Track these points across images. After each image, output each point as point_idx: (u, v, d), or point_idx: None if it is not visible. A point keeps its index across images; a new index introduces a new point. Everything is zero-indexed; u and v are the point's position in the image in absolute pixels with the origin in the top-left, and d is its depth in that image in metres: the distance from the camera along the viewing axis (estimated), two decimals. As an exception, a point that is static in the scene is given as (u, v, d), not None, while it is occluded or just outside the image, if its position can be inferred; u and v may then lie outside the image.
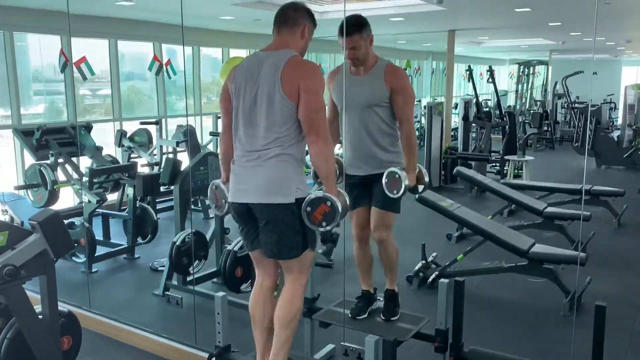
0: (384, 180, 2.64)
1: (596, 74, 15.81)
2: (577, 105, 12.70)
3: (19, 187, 5.50)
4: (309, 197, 2.17)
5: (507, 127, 9.04)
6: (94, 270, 4.80)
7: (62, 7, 3.98)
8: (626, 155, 9.65)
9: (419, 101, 12.19)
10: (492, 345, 2.99)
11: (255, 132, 2.20)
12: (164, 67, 7.85)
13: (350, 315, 2.84)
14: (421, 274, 4.40)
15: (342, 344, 2.81)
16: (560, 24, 8.88)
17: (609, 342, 2.44)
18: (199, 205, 6.56)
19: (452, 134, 10.60)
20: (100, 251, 4.96)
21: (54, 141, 5.41)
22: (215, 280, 4.36)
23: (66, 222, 4.22)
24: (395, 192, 2.62)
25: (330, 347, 3.26)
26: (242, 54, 9.02)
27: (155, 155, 6.48)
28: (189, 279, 4.15)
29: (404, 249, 3.14)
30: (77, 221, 4.66)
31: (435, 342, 2.76)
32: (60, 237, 2.54)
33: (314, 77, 2.18)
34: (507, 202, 6.17)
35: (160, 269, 4.72)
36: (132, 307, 4.12)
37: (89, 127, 5.88)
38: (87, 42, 7.10)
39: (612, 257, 5.14)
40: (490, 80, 10.28)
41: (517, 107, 14.22)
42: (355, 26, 2.60)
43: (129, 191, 5.03)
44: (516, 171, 8.49)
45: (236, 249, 3.77)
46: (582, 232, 5.05)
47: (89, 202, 4.83)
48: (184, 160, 5.00)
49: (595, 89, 14.22)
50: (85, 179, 5.00)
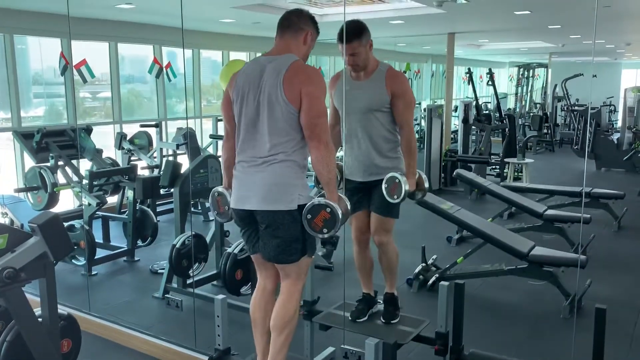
0: (384, 185, 2.63)
1: (596, 76, 15.86)
2: (576, 107, 12.72)
3: (19, 190, 5.49)
4: (309, 204, 2.17)
5: (507, 129, 9.07)
6: (93, 272, 4.80)
7: (63, 10, 3.99)
8: (626, 157, 9.64)
9: (419, 104, 12.19)
10: (493, 348, 2.99)
11: (258, 138, 2.20)
12: (164, 69, 7.86)
13: (350, 318, 2.83)
14: (421, 277, 4.41)
15: (342, 346, 2.82)
16: (559, 26, 8.89)
17: (609, 345, 2.44)
18: (199, 207, 6.57)
19: (452, 136, 10.59)
20: (100, 254, 4.96)
21: (54, 144, 5.41)
22: (215, 282, 4.36)
23: (66, 224, 4.23)
24: (395, 197, 2.61)
25: (330, 349, 3.25)
26: (242, 56, 9.02)
27: (155, 157, 6.49)
28: (188, 281, 4.16)
29: (404, 251, 3.14)
30: (77, 224, 4.65)
31: (435, 345, 2.76)
32: (60, 239, 2.53)
33: (316, 83, 2.17)
34: (507, 204, 6.17)
35: (160, 271, 4.72)
36: (131, 309, 4.12)
37: (89, 130, 5.87)
38: (87, 44, 7.10)
39: (612, 260, 5.13)
40: (490, 82, 10.29)
41: (517, 109, 14.25)
42: (354, 33, 2.59)
43: (129, 194, 5.04)
44: (516, 174, 8.50)
45: (236, 251, 3.76)
46: (582, 235, 5.06)
47: (89, 204, 4.83)
48: (184, 163, 4.99)
49: (594, 92, 14.23)
50: (85, 182, 4.99)
